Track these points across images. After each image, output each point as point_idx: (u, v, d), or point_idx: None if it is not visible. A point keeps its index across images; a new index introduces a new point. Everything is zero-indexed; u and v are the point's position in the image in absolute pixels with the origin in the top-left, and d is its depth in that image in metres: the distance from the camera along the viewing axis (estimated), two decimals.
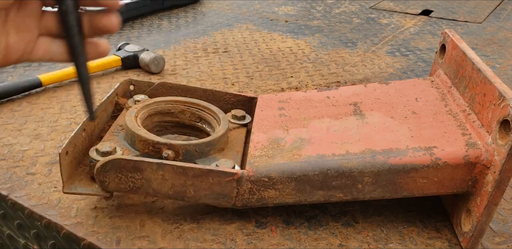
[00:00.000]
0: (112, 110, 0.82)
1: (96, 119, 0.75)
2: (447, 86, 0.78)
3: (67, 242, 0.70)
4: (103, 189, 0.66)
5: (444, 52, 0.82)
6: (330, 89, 0.84)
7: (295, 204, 0.68)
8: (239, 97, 0.87)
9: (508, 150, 0.58)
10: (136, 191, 0.66)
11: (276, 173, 0.66)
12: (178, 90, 0.85)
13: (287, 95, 0.84)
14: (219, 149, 0.74)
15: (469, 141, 0.65)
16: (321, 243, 0.67)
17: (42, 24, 0.47)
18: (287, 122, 0.76)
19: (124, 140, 0.73)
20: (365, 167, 0.65)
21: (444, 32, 0.82)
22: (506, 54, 1.37)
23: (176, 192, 0.66)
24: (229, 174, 0.65)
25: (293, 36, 1.50)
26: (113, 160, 0.64)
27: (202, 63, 1.29)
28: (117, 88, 0.83)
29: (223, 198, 0.67)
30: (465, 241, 0.66)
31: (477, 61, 0.70)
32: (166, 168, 0.65)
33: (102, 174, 0.65)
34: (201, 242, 0.67)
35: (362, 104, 0.78)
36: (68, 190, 0.66)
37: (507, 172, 0.59)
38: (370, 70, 1.25)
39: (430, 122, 0.71)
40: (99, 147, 0.67)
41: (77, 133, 0.68)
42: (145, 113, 0.77)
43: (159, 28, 1.57)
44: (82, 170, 0.70)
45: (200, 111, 0.81)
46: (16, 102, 1.06)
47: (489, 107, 0.64)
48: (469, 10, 1.79)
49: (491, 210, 0.61)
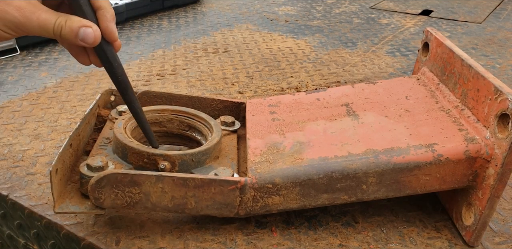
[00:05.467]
0: (94, 122, 0.78)
1: (80, 133, 0.71)
2: (435, 83, 0.78)
3: (67, 242, 0.70)
4: (98, 206, 0.63)
5: (427, 50, 0.83)
6: (318, 91, 0.83)
7: (300, 209, 0.68)
8: (226, 103, 0.85)
9: (509, 143, 0.58)
10: (133, 206, 0.64)
11: (280, 178, 0.65)
12: (162, 98, 0.83)
13: (275, 98, 0.84)
14: (214, 157, 0.72)
15: (467, 136, 0.66)
16: (321, 243, 0.67)
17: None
18: (281, 126, 0.75)
19: (114, 154, 0.69)
20: (369, 168, 0.65)
21: (427, 30, 0.83)
22: (506, 54, 1.37)
23: (176, 204, 0.65)
24: (232, 183, 0.64)
25: (293, 36, 1.50)
26: (109, 175, 0.61)
27: (202, 63, 1.29)
28: (98, 99, 0.79)
29: (225, 207, 0.66)
30: (468, 234, 0.66)
31: (466, 58, 0.71)
32: (165, 180, 0.62)
33: (97, 191, 0.61)
34: (201, 242, 0.67)
35: (353, 104, 0.78)
36: (60, 210, 0.62)
37: (509, 165, 0.59)
38: (370, 70, 1.25)
39: (425, 119, 0.71)
40: (90, 162, 0.63)
41: (65, 148, 0.64)
42: (133, 124, 0.74)
43: (159, 28, 1.57)
44: (71, 187, 0.66)
45: (188, 119, 0.78)
46: (16, 102, 1.06)
47: (484, 102, 0.65)
48: (469, 10, 1.79)
49: (494, 202, 0.62)
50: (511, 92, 0.60)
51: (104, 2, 0.57)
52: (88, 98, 1.09)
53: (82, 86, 1.15)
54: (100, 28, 0.57)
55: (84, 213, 0.63)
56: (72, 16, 0.55)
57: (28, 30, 0.53)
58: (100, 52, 0.59)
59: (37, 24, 0.53)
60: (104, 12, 0.57)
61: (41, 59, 1.32)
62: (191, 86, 1.15)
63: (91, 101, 1.07)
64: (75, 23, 0.55)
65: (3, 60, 1.31)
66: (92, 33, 0.55)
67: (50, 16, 0.54)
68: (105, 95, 0.81)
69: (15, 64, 1.29)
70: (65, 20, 0.54)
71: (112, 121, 0.78)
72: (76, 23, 0.55)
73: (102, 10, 0.57)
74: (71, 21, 0.54)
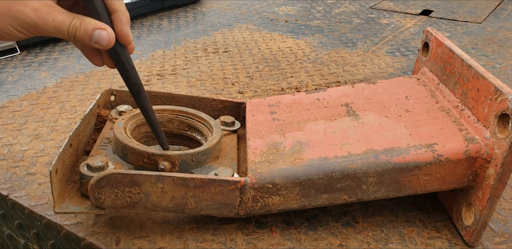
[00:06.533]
0: (94, 122, 0.78)
1: (80, 133, 0.71)
2: (435, 83, 0.78)
3: (67, 242, 0.70)
4: (98, 206, 0.63)
5: (427, 50, 0.83)
6: (318, 91, 0.84)
7: (300, 209, 0.68)
8: (226, 103, 0.85)
9: (509, 143, 0.58)
10: (133, 206, 0.64)
11: (280, 178, 0.65)
12: (162, 98, 0.83)
13: (275, 98, 0.84)
14: (214, 157, 0.72)
15: (467, 136, 0.66)
16: (321, 243, 0.67)
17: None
18: (281, 126, 0.75)
19: (114, 154, 0.69)
20: (370, 168, 0.65)
21: (427, 30, 0.83)
22: (506, 54, 1.37)
23: (176, 204, 0.65)
24: (232, 183, 0.64)
25: (293, 36, 1.50)
26: (109, 175, 0.61)
27: (202, 63, 1.29)
28: (98, 99, 0.79)
29: (225, 207, 0.66)
30: (468, 234, 0.66)
31: (466, 58, 0.71)
32: (165, 180, 0.62)
33: (97, 191, 0.61)
34: (201, 242, 0.67)
35: (353, 104, 0.78)
36: (60, 210, 0.62)
37: (509, 165, 0.60)
38: (370, 70, 1.25)
39: (425, 119, 0.71)
40: (90, 162, 0.63)
41: (65, 148, 0.64)
42: (133, 124, 0.74)
43: (159, 28, 1.57)
44: (71, 187, 0.66)
45: (188, 119, 0.78)
46: (16, 102, 1.06)
47: (484, 102, 0.65)
48: (469, 10, 1.79)
49: (494, 202, 0.62)
50: (511, 92, 0.60)
51: (120, 5, 0.57)
52: (88, 98, 1.09)
53: (82, 86, 1.15)
54: (115, 31, 0.57)
55: (84, 213, 0.63)
56: (87, 18, 0.55)
57: (43, 31, 0.53)
58: (114, 54, 0.59)
59: (52, 25, 0.53)
60: (120, 15, 0.57)
61: (41, 59, 1.32)
62: (191, 86, 1.15)
63: (91, 101, 1.07)
64: (89, 25, 0.55)
65: (3, 60, 1.31)
66: (107, 35, 0.55)
67: (65, 18, 0.54)
68: (105, 95, 0.81)
69: (15, 64, 1.29)
70: (79, 21, 0.54)
71: (112, 121, 0.78)
72: (91, 25, 0.55)
73: (118, 13, 0.57)
74: (86, 23, 0.55)
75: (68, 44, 1.44)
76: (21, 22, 0.52)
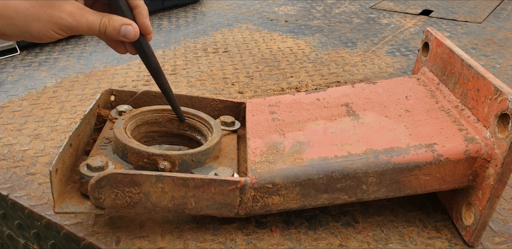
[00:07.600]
0: (94, 122, 0.78)
1: (80, 133, 0.71)
2: (435, 83, 0.78)
3: (67, 242, 0.70)
4: (98, 206, 0.63)
5: (427, 50, 0.83)
6: (318, 91, 0.84)
7: (300, 209, 0.68)
8: (226, 103, 0.85)
9: (509, 143, 0.58)
10: (133, 206, 0.64)
11: (280, 178, 0.65)
12: (162, 98, 0.82)
13: (275, 98, 0.84)
14: (214, 157, 0.72)
15: (467, 136, 0.66)
16: (321, 243, 0.67)
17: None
18: (281, 126, 0.75)
19: (114, 154, 0.69)
20: (369, 168, 0.65)
21: (427, 30, 0.83)
22: (506, 54, 1.37)
23: (176, 204, 0.65)
24: (232, 183, 0.64)
25: (293, 36, 1.50)
26: (109, 175, 0.61)
27: (202, 63, 1.29)
28: (98, 99, 0.78)
29: (225, 207, 0.66)
30: (468, 234, 0.66)
31: (466, 58, 0.71)
32: (165, 180, 0.62)
33: (97, 191, 0.61)
34: (201, 242, 0.67)
35: (353, 104, 0.78)
36: (60, 210, 0.62)
37: (509, 165, 0.60)
38: (370, 70, 1.25)
39: (425, 119, 0.71)
40: (90, 162, 0.63)
41: (65, 148, 0.64)
42: (133, 123, 0.74)
43: (159, 28, 1.57)
44: (71, 187, 0.66)
45: (188, 119, 0.78)
46: (16, 102, 1.06)
47: (484, 102, 0.65)
48: (469, 10, 1.79)
49: (494, 202, 0.62)
50: (511, 92, 0.60)
51: (139, 1, 0.65)
52: (88, 98, 1.09)
53: (82, 86, 1.15)
54: (138, 24, 0.64)
55: (84, 213, 0.63)
56: (113, 15, 0.62)
57: (78, 31, 0.60)
58: (137, 44, 0.66)
59: (86, 25, 0.60)
60: (141, 10, 0.65)
61: (41, 59, 1.32)
62: (191, 86, 1.15)
63: (91, 101, 1.07)
64: (117, 22, 0.62)
65: (3, 60, 1.31)
66: (133, 30, 0.63)
67: (96, 18, 0.61)
68: (105, 95, 0.81)
69: (15, 64, 1.29)
70: (108, 20, 0.61)
71: (112, 121, 0.78)
72: (118, 22, 0.62)
73: (139, 8, 0.65)
74: (113, 20, 0.62)
75: (68, 44, 1.44)
76: (61, 26, 0.59)
